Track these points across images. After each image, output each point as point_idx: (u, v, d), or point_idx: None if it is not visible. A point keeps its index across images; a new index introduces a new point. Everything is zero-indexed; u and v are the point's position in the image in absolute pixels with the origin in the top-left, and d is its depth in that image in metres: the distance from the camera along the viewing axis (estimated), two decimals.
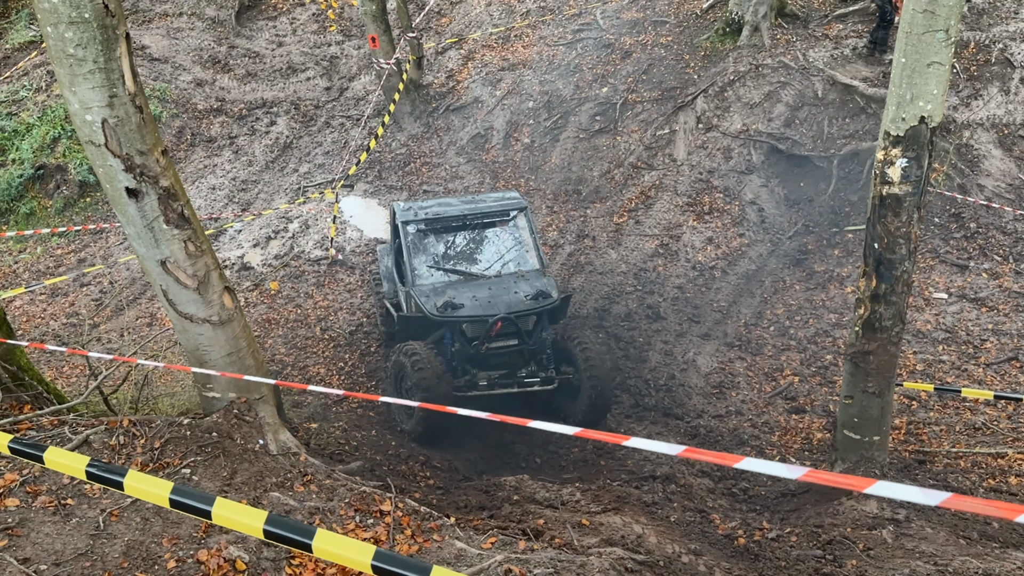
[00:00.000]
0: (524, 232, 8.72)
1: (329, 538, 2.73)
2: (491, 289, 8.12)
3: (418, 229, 8.51)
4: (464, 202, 9.04)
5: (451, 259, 8.59)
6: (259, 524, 2.79)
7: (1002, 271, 9.46)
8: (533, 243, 8.66)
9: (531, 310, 7.87)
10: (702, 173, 11.69)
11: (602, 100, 12.72)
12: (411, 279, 8.19)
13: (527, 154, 12.57)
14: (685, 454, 2.76)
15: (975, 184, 10.33)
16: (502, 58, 13.93)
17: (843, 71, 11.64)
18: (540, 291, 7.99)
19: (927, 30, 5.15)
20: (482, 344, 7.76)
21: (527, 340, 7.90)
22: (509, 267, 8.51)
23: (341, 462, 6.06)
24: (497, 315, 7.66)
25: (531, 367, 8.04)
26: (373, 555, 2.57)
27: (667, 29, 13.42)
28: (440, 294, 8.03)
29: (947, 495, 2.02)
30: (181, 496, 2.98)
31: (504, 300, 7.90)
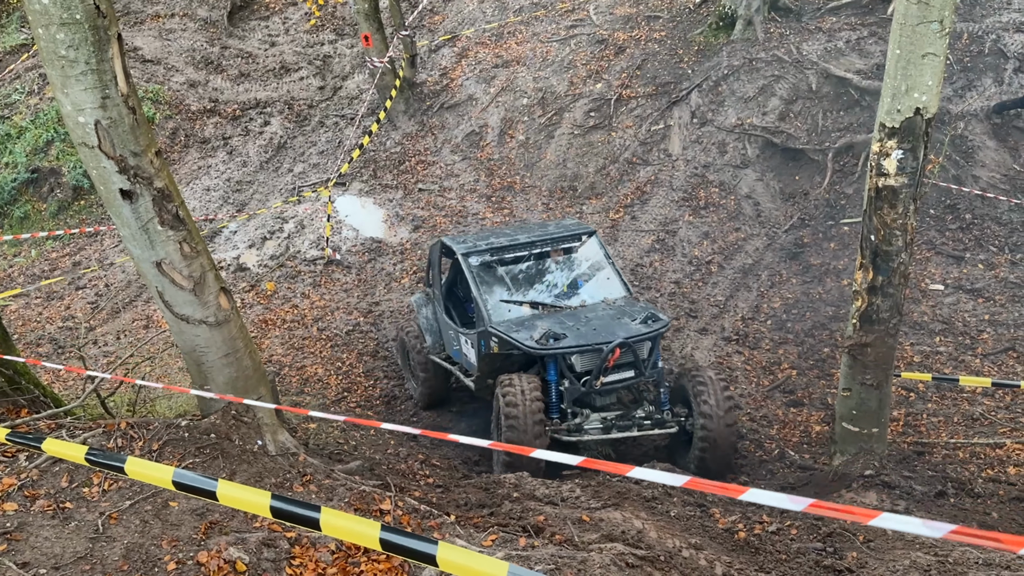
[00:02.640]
0: (599, 257, 7.83)
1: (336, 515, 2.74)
2: (588, 318, 7.07)
3: (482, 261, 7.57)
4: (521, 231, 8.18)
5: (524, 292, 7.65)
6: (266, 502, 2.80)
7: (998, 261, 9.47)
8: (612, 268, 7.75)
9: (647, 334, 6.77)
10: (697, 168, 11.69)
11: (596, 96, 12.71)
12: (487, 316, 7.11)
13: (522, 151, 12.56)
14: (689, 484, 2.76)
15: (970, 175, 10.35)
16: (496, 55, 13.91)
17: (837, 64, 11.64)
18: (649, 314, 6.94)
19: (921, 21, 5.15)
20: (596, 378, 6.67)
21: (644, 371, 6.82)
22: (594, 296, 7.57)
23: (340, 461, 6.05)
24: (614, 341, 6.55)
25: (647, 406, 6.97)
26: (380, 529, 2.59)
27: (660, 24, 13.41)
28: (530, 327, 6.95)
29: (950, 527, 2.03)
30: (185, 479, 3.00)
31: (612, 327, 6.80)
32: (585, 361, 6.75)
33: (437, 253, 8.27)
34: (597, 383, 6.69)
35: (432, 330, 8.42)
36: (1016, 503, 5.96)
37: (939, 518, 5.40)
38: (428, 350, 8.32)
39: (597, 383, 6.69)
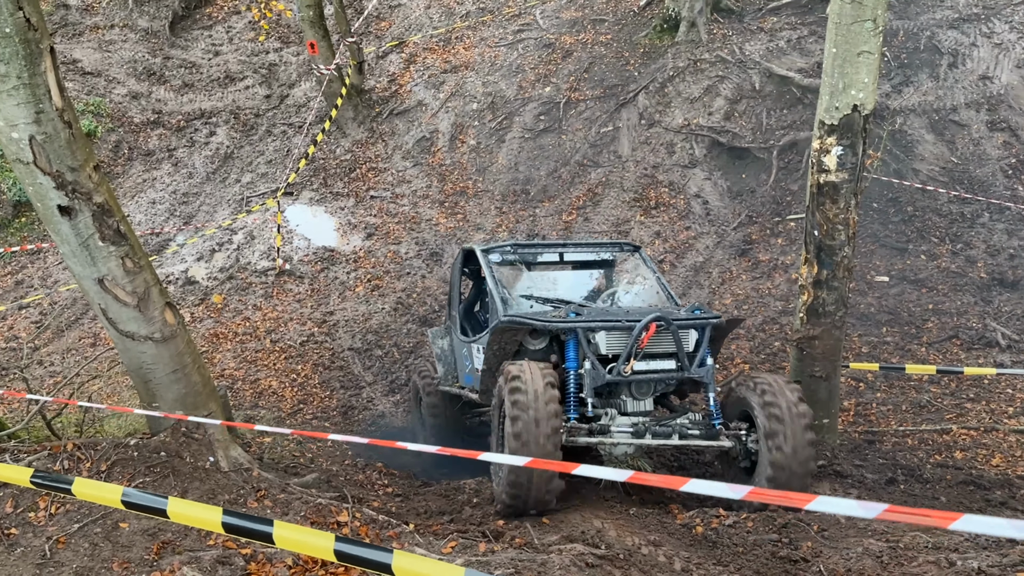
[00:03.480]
0: (644, 270, 6.95)
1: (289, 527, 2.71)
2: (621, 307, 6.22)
3: (504, 259, 6.75)
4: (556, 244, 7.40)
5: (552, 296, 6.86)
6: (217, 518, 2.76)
7: (939, 252, 9.74)
8: (659, 282, 6.72)
9: (692, 320, 5.66)
10: (647, 168, 11.81)
11: (546, 100, 12.77)
12: (501, 308, 6.07)
13: (474, 156, 12.56)
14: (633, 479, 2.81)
15: (910, 168, 10.63)
16: (444, 60, 13.90)
17: (779, 63, 11.87)
18: (697, 307, 5.90)
19: (855, 20, 5.29)
20: (626, 361, 5.40)
21: (688, 366, 5.56)
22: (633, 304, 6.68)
23: (296, 475, 5.97)
24: (650, 315, 5.40)
25: (693, 413, 5.77)
26: (335, 540, 2.56)
27: (606, 27, 13.54)
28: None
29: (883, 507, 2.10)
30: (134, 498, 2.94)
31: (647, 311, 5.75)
32: (613, 342, 5.52)
33: (458, 268, 7.38)
34: (626, 368, 5.39)
35: (446, 359, 7.45)
36: (963, 486, 6.13)
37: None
38: (439, 381, 7.40)
39: (626, 368, 5.39)
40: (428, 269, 10.81)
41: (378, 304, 10.26)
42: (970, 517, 2.09)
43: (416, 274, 10.72)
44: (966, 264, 9.51)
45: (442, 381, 7.42)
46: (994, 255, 9.54)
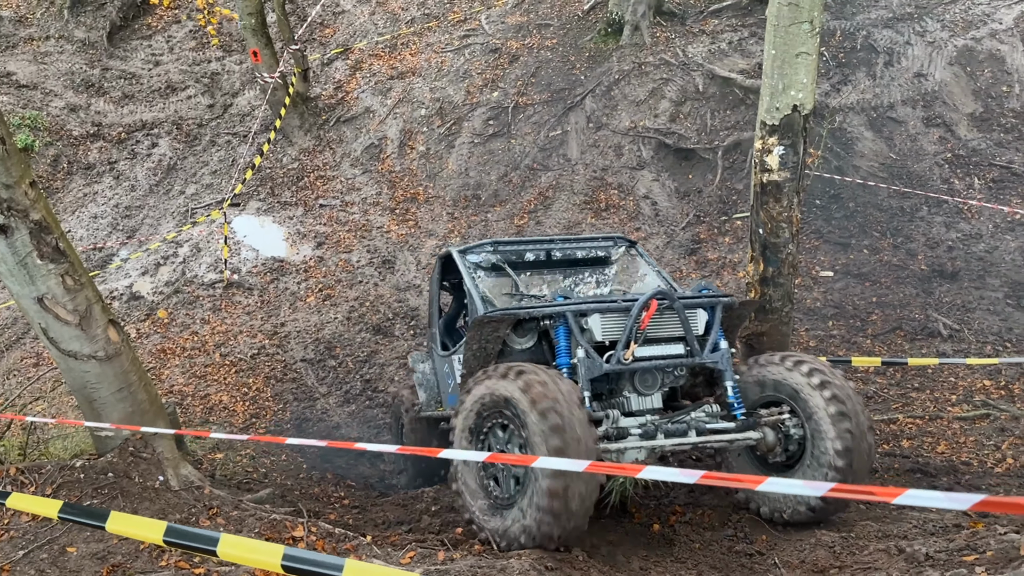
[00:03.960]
0: (641, 265, 6.35)
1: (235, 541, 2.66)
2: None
3: (483, 259, 6.04)
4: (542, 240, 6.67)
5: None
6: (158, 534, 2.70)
7: (881, 246, 10.00)
8: (659, 276, 6.09)
9: (699, 298, 5.09)
10: (596, 171, 11.90)
11: (494, 104, 12.79)
12: (479, 306, 5.47)
13: (423, 162, 12.51)
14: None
15: (851, 165, 10.89)
16: (390, 67, 13.83)
17: (721, 65, 12.07)
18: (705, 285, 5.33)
19: (793, 22, 5.41)
20: (625, 346, 4.70)
21: (699, 350, 4.93)
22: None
23: (250, 491, 5.88)
24: (650, 292, 4.80)
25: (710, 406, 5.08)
26: (283, 555, 2.52)
27: (551, 32, 13.62)
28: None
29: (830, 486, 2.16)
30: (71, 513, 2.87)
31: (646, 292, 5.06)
32: (609, 326, 4.83)
33: (436, 280, 6.73)
34: (627, 354, 4.65)
35: (428, 384, 6.79)
36: (910, 474, 6.29)
37: None
38: (421, 407, 6.77)
39: (627, 354, 4.65)
40: (380, 277, 10.74)
41: (330, 314, 10.16)
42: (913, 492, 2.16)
43: (368, 282, 10.64)
44: (907, 257, 9.78)
45: (424, 407, 6.73)
46: (933, 247, 9.82)
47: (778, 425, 4.96)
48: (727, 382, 5.02)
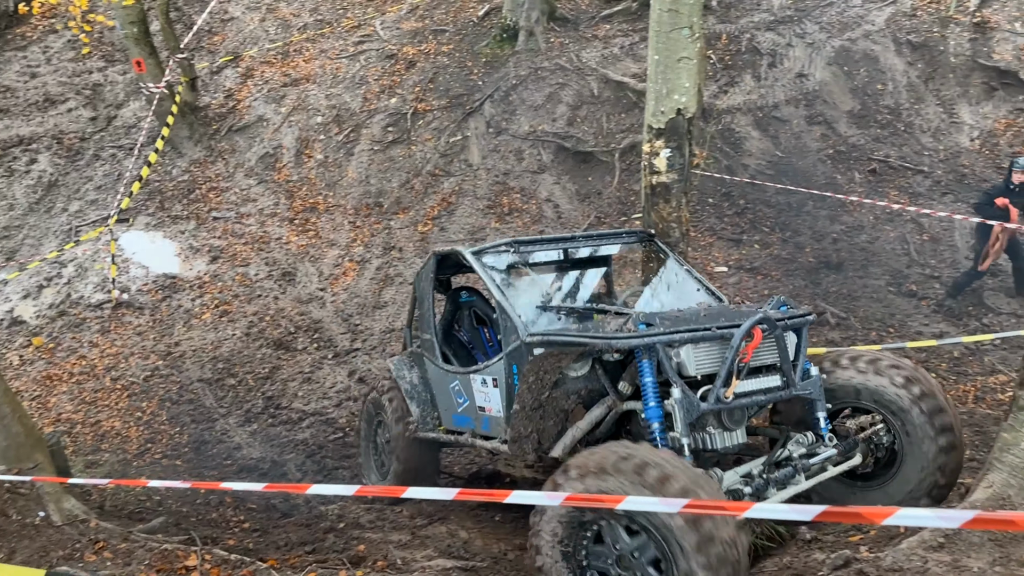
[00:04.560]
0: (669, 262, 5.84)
1: None
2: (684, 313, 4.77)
3: (502, 262, 5.48)
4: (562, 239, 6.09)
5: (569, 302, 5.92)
6: None
7: (771, 240, 10.39)
8: (692, 276, 5.67)
9: (794, 317, 4.57)
10: (498, 176, 11.94)
11: (392, 111, 12.67)
12: (520, 325, 4.82)
13: (322, 170, 12.28)
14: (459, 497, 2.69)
15: (740, 164, 11.28)
16: (283, 74, 13.53)
17: (614, 69, 12.31)
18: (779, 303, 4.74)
19: (673, 28, 5.55)
20: (726, 384, 4.14)
21: (795, 380, 4.43)
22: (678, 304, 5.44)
23: (142, 521, 5.62)
24: (753, 318, 4.19)
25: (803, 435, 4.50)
26: None
27: (447, 37, 13.60)
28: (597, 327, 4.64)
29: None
30: None
31: (731, 314, 4.56)
32: (703, 358, 4.26)
33: (430, 279, 6.08)
34: (727, 392, 4.11)
35: (420, 398, 6.07)
36: None
37: None
38: (416, 426, 5.99)
39: (727, 392, 4.11)
40: (280, 290, 10.47)
41: (228, 330, 9.84)
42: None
43: (268, 296, 10.36)
44: (795, 250, 10.18)
45: (420, 426, 5.96)
46: (819, 240, 10.27)
47: (871, 440, 4.56)
48: (819, 412, 4.53)
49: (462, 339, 6.43)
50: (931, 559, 3.42)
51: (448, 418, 5.88)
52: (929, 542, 3.57)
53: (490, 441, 5.28)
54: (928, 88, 11.70)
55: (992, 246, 8.76)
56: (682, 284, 5.65)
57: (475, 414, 5.45)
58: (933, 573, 3.33)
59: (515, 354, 4.82)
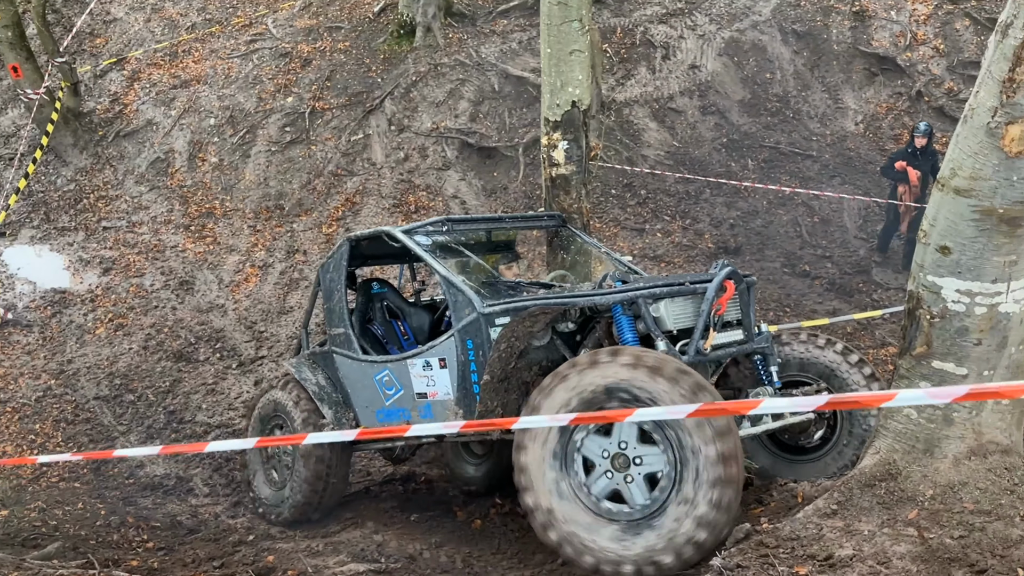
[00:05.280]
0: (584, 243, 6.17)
1: None
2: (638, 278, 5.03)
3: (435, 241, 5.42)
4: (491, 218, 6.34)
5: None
6: None
7: (672, 229, 10.65)
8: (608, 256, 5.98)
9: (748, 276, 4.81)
10: (403, 174, 11.84)
11: (289, 110, 12.38)
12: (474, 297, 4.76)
13: (217, 174, 11.90)
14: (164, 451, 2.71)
15: (640, 155, 11.52)
16: (172, 76, 13.04)
17: (514, 64, 12.37)
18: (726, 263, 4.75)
19: (564, 21, 5.61)
20: (703, 336, 4.31)
21: (754, 335, 4.72)
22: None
23: (36, 547, 5.33)
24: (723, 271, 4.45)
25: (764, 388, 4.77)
26: None
27: (343, 34, 13.38)
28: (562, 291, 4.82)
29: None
30: None
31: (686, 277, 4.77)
32: (679, 312, 4.44)
33: (342, 269, 5.76)
34: (705, 344, 4.30)
35: (331, 399, 5.74)
36: None
37: None
38: (331, 428, 5.66)
39: (705, 344, 4.30)
40: (179, 300, 10.10)
41: (124, 344, 9.43)
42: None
43: (165, 307, 9.98)
44: (695, 237, 10.47)
45: (335, 428, 5.62)
46: (717, 226, 10.59)
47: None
48: (772, 367, 4.79)
49: (376, 332, 6.15)
50: (825, 525, 3.58)
51: (370, 415, 5.60)
52: (823, 509, 3.73)
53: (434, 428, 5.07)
54: (814, 75, 12.22)
55: (902, 207, 9.49)
56: (604, 264, 5.87)
57: (412, 403, 5.25)
58: (828, 539, 3.48)
59: (470, 328, 4.75)
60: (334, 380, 5.82)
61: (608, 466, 3.87)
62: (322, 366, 5.94)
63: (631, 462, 3.82)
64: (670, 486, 3.66)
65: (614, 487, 3.87)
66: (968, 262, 3.57)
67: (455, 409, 4.96)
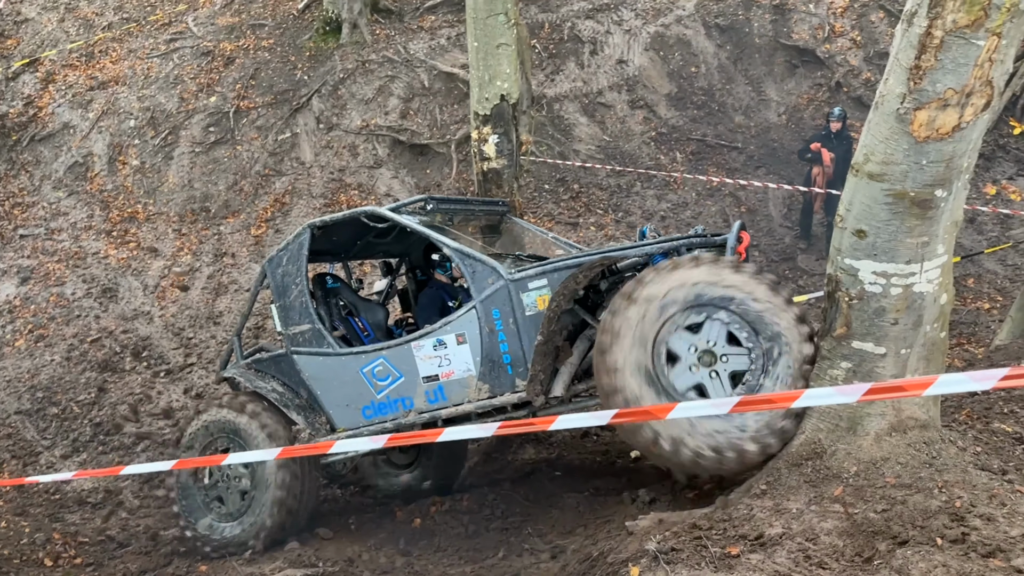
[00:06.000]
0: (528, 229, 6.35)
1: None
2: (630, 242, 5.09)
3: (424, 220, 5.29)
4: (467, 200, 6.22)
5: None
6: None
7: (605, 222, 10.76)
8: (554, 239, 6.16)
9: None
10: (333, 172, 11.67)
11: (212, 110, 12.08)
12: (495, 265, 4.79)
13: (139, 177, 11.54)
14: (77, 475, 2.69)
15: (571, 150, 11.59)
16: (89, 76, 12.58)
17: (443, 60, 12.31)
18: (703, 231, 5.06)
19: (490, 14, 5.60)
20: None
21: None
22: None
23: None
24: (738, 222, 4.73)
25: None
26: None
27: (267, 32, 13.11)
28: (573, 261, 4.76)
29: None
30: None
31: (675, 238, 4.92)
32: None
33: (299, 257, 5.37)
34: None
35: (298, 404, 5.35)
36: None
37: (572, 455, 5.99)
38: (308, 438, 5.26)
39: None
40: (102, 308, 9.76)
41: (46, 356, 9.07)
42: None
43: (88, 315, 9.63)
44: (628, 230, 10.60)
45: (311, 434, 5.23)
46: (649, 218, 10.73)
47: None
48: None
49: (336, 329, 5.77)
50: (756, 505, 3.65)
51: (352, 413, 5.17)
52: (754, 489, 3.81)
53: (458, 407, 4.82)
54: (737, 69, 12.48)
55: (813, 190, 9.77)
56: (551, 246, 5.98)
57: (417, 389, 4.97)
58: (758, 518, 3.56)
59: (496, 297, 4.73)
60: (293, 384, 5.41)
61: (694, 360, 4.08)
62: (272, 372, 5.52)
63: (717, 359, 4.08)
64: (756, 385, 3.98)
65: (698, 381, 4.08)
66: (883, 244, 3.69)
67: (478, 385, 4.81)
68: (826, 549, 3.25)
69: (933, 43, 3.35)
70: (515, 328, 4.67)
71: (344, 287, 6.19)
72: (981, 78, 3.38)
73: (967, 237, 9.94)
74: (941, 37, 3.33)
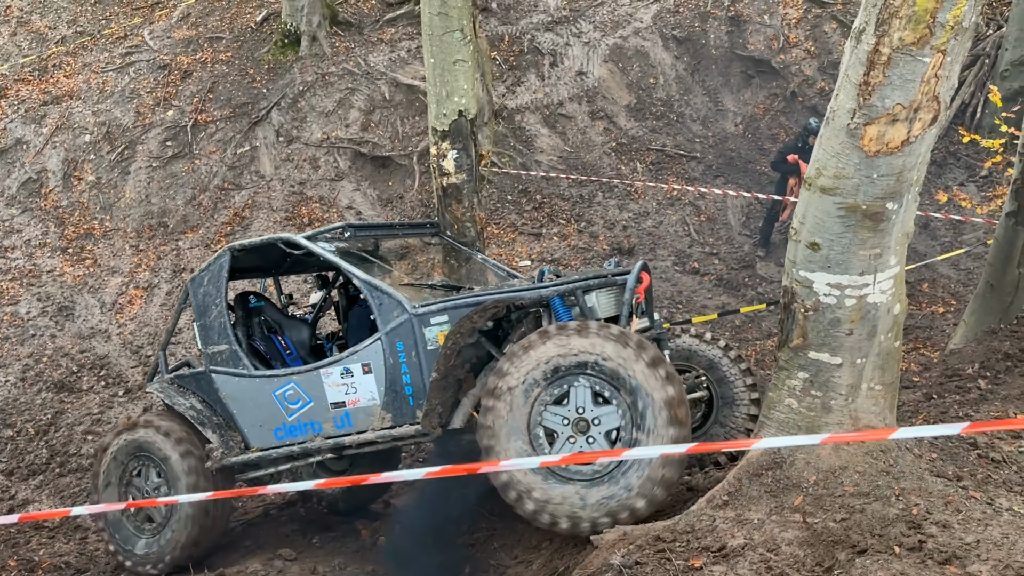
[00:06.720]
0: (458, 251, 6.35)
1: None
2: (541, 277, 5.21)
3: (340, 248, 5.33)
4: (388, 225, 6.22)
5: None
6: None
7: (568, 232, 10.81)
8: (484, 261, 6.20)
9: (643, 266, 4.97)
10: (294, 185, 11.58)
11: (170, 124, 11.92)
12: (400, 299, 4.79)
13: (95, 193, 11.34)
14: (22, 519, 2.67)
15: (534, 161, 11.64)
16: (43, 91, 12.35)
17: (403, 72, 12.29)
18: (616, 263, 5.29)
19: (446, 31, 5.61)
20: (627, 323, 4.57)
21: (656, 322, 5.14)
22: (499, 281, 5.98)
23: None
24: (639, 263, 4.82)
25: None
26: None
27: (224, 45, 12.98)
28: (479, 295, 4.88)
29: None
30: None
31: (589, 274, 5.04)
32: (604, 303, 4.77)
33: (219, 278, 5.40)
34: (631, 329, 4.54)
35: (213, 422, 5.35)
36: None
37: None
38: (220, 456, 5.24)
39: (631, 329, 4.54)
40: (58, 327, 9.56)
41: None
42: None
43: (43, 335, 9.43)
44: (591, 239, 10.66)
45: (224, 453, 5.24)
46: (611, 228, 10.81)
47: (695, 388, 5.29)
48: (665, 351, 4.97)
49: (259, 348, 5.83)
50: (718, 517, 3.69)
51: (265, 434, 5.22)
52: (716, 500, 3.85)
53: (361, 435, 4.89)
54: (695, 79, 12.64)
55: (788, 197, 9.92)
56: (481, 268, 6.07)
57: (325, 414, 5.03)
58: (721, 529, 3.60)
59: (400, 330, 4.77)
60: (211, 402, 5.42)
61: (570, 432, 4.17)
62: (193, 389, 5.53)
63: (590, 424, 4.15)
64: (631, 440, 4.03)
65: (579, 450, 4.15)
66: (836, 256, 3.76)
67: (381, 414, 4.88)
68: (787, 559, 3.29)
69: (881, 60, 3.43)
70: (417, 361, 4.74)
71: (268, 305, 6.16)
72: (928, 93, 3.47)
73: (921, 243, 10.17)
74: (888, 54, 3.41)
